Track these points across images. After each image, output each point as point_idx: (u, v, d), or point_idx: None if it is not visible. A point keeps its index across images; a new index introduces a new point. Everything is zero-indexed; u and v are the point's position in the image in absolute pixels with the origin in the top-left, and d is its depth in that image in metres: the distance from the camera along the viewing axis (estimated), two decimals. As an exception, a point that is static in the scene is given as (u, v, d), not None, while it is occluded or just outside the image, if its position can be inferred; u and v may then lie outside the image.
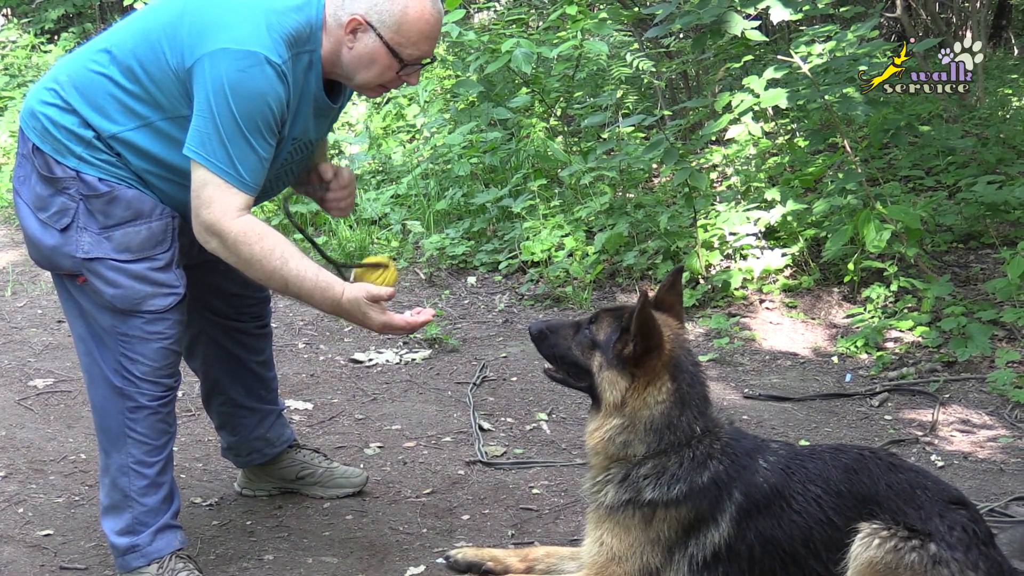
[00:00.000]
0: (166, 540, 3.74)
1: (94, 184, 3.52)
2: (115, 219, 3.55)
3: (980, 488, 4.49)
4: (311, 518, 4.38)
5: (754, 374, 5.96)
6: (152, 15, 3.58)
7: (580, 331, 3.64)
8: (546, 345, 3.70)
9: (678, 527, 3.50)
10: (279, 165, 3.66)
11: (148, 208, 3.58)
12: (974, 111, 9.28)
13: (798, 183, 7.37)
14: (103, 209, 3.54)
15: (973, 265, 6.96)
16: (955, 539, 3.36)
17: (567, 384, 3.74)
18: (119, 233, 3.55)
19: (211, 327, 4.19)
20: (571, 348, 3.64)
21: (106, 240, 3.55)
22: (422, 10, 3.46)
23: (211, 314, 4.16)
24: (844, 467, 3.53)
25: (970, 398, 5.48)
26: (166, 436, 3.76)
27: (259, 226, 3.46)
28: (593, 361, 3.57)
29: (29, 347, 6.52)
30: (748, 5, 6.91)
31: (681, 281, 3.90)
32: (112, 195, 3.53)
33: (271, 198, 4.24)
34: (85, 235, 3.54)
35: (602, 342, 3.57)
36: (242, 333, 4.25)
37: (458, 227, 8.21)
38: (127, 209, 3.55)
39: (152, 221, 3.59)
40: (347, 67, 3.55)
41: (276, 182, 3.81)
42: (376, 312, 3.54)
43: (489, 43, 8.99)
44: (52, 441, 5.17)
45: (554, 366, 3.72)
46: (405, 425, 5.37)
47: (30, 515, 4.43)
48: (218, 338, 4.22)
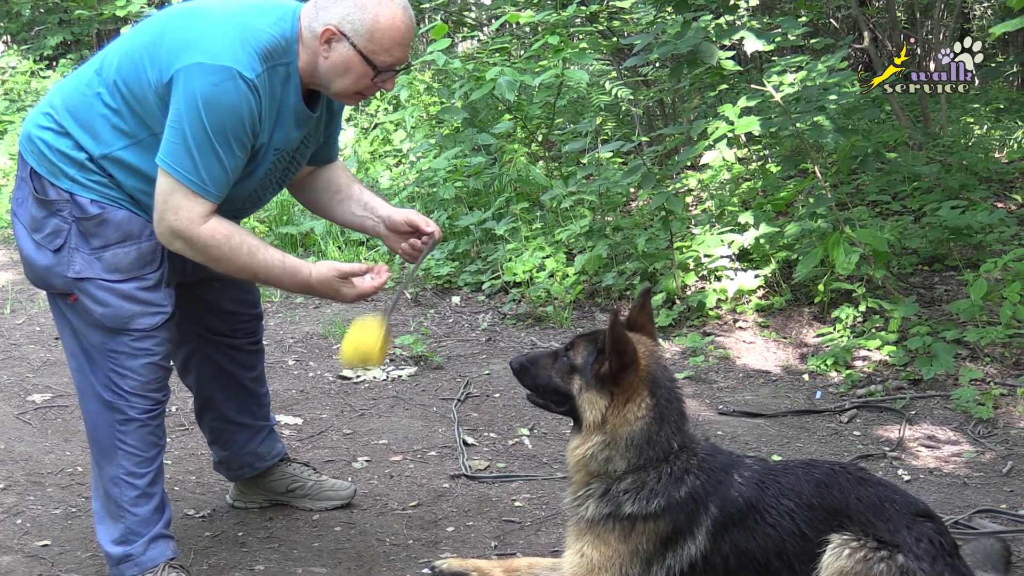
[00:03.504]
0: (159, 550, 3.72)
1: (86, 206, 3.52)
2: (105, 240, 3.54)
3: (945, 501, 4.50)
4: (301, 529, 4.37)
5: (728, 391, 5.97)
6: (137, 35, 3.59)
7: (559, 359, 3.63)
8: (528, 377, 3.70)
9: (656, 540, 3.49)
10: (262, 175, 3.66)
11: (137, 229, 3.57)
12: (938, 139, 9.33)
13: (770, 207, 7.41)
14: (94, 231, 3.53)
15: (937, 287, 6.99)
16: (922, 550, 3.38)
17: (548, 409, 3.73)
18: (109, 254, 3.55)
19: (205, 344, 4.18)
20: (551, 376, 3.63)
21: (97, 261, 3.54)
22: (393, 17, 3.47)
23: (206, 331, 4.15)
24: (816, 481, 3.54)
25: (935, 415, 5.49)
26: (156, 449, 3.75)
27: (224, 226, 3.48)
28: (573, 385, 3.56)
29: (27, 363, 6.50)
30: (723, 36, 6.96)
31: (650, 301, 3.90)
32: (102, 217, 3.53)
33: (260, 207, 4.22)
34: (77, 255, 3.54)
35: (580, 365, 3.56)
36: (235, 350, 4.23)
37: (443, 248, 8.21)
38: (117, 231, 3.55)
39: (142, 242, 3.58)
40: (324, 76, 3.54)
41: (263, 191, 3.81)
42: (348, 287, 3.63)
43: (474, 71, 9.00)
44: (50, 454, 5.15)
45: (537, 396, 3.73)
46: (392, 440, 5.36)
47: (28, 526, 4.41)
48: (212, 355, 4.21)
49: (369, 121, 11.72)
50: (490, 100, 9.02)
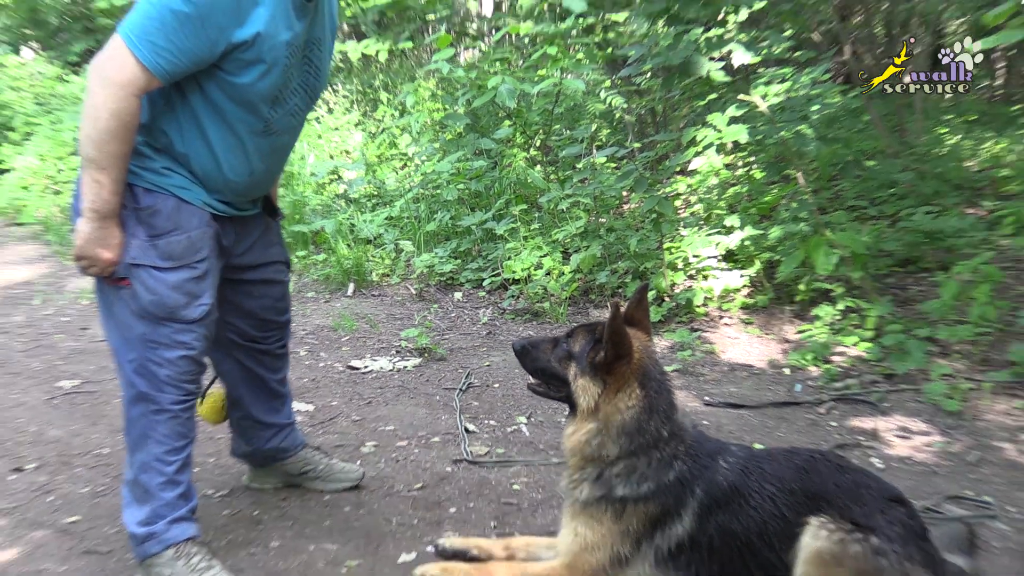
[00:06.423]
0: (181, 528, 3.73)
1: (140, 196, 3.51)
2: (159, 229, 3.54)
3: (916, 488, 4.53)
4: (313, 509, 4.39)
5: (714, 383, 5.99)
6: None
7: (558, 345, 3.65)
8: (528, 359, 3.71)
9: (646, 521, 3.51)
10: (280, 71, 3.52)
11: (185, 218, 3.58)
12: (913, 148, 9.34)
13: (755, 211, 7.43)
14: (148, 220, 3.53)
15: (911, 287, 7.01)
16: (894, 533, 3.39)
17: (548, 396, 3.74)
18: (163, 242, 3.54)
19: (238, 350, 4.20)
20: (550, 360, 3.65)
21: (152, 248, 3.53)
22: None
23: (239, 337, 4.17)
24: (796, 468, 3.56)
25: (907, 407, 5.52)
26: (185, 440, 3.75)
27: (127, 113, 3.34)
28: (569, 371, 3.58)
29: (56, 351, 6.51)
30: (713, 49, 6.96)
31: (647, 297, 3.91)
32: (154, 208, 3.52)
33: (295, 126, 3.87)
34: (134, 242, 3.52)
35: (577, 353, 3.58)
36: (265, 354, 4.25)
37: (446, 247, 8.22)
38: (168, 220, 3.54)
39: (192, 231, 3.59)
40: None
41: (287, 93, 3.64)
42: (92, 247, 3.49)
43: (476, 79, 9.01)
44: (78, 437, 5.17)
45: (535, 378, 3.75)
46: (398, 426, 5.38)
47: (59, 503, 4.44)
48: (243, 359, 4.22)
49: (376, 126, 11.71)
50: (491, 107, 9.04)
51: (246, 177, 3.70)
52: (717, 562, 3.50)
